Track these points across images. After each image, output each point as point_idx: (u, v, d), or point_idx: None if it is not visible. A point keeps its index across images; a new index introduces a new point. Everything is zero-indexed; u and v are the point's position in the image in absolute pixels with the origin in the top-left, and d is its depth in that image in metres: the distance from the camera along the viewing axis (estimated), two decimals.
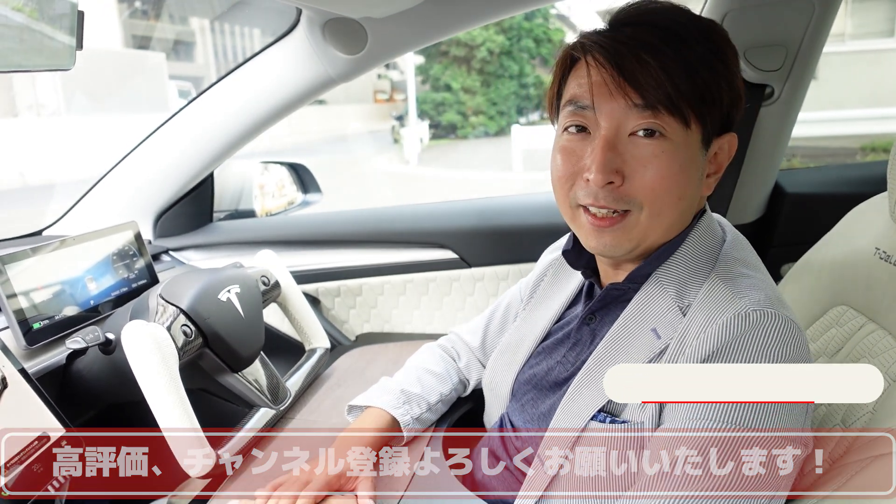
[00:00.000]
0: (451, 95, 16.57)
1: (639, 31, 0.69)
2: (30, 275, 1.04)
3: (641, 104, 0.68)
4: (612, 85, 0.69)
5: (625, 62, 0.68)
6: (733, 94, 0.72)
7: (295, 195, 2.07)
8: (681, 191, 0.71)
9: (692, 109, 0.69)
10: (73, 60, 0.92)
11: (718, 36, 0.72)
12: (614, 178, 0.70)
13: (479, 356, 1.10)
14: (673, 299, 0.74)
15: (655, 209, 0.71)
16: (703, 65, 0.68)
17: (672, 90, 0.67)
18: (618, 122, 0.70)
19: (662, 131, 0.69)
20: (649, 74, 0.67)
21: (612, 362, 0.75)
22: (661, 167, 0.69)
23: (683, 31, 0.69)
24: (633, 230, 0.73)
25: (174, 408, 0.86)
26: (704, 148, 0.73)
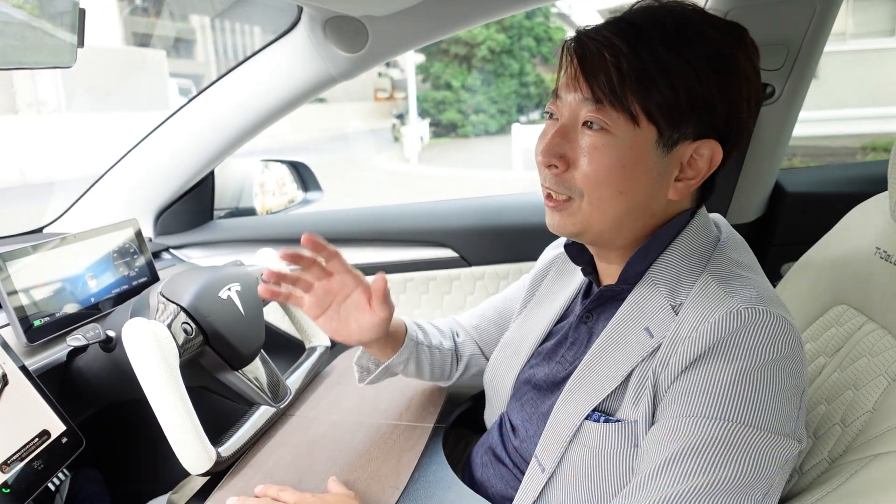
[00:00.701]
0: (451, 94, 16.57)
1: (613, 29, 0.71)
2: (30, 272, 1.04)
3: (590, 97, 0.71)
4: (572, 78, 0.73)
5: (587, 58, 0.71)
6: (699, 99, 0.70)
7: (295, 193, 2.07)
8: (620, 185, 0.72)
9: (641, 108, 0.69)
10: (73, 58, 0.92)
11: (705, 39, 0.70)
12: (557, 162, 0.74)
13: (475, 336, 1.11)
14: (665, 298, 0.74)
15: (594, 198, 0.73)
16: (659, 68, 0.68)
17: (618, 84, 0.69)
18: (573, 111, 0.74)
19: (605, 125, 0.71)
20: (601, 71, 0.70)
21: (606, 362, 0.76)
22: (597, 158, 0.72)
23: (654, 30, 0.69)
24: (575, 215, 0.75)
25: (174, 405, 0.87)
26: (664, 150, 0.72)
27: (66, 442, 0.89)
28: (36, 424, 0.86)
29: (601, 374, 0.75)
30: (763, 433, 0.64)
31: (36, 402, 0.88)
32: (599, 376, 0.75)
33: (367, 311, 0.87)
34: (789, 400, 0.66)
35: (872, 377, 0.80)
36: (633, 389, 0.72)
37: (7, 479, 0.79)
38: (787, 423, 0.65)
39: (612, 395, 0.74)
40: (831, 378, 0.87)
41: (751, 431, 0.63)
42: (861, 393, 0.80)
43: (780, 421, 0.65)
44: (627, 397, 0.72)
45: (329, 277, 0.88)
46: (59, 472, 0.89)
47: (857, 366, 0.84)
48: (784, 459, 0.65)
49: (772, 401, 0.64)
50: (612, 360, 0.75)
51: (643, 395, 0.70)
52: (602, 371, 0.75)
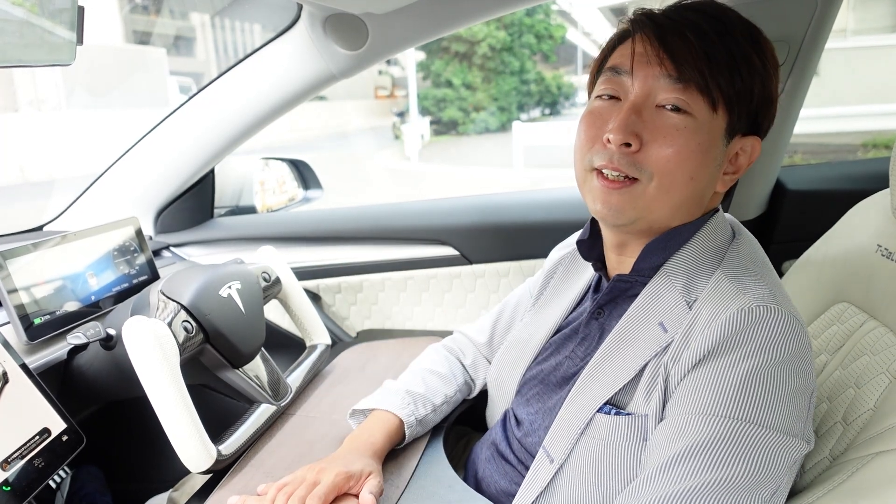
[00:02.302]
0: (452, 91, 16.56)
1: (690, 14, 0.71)
2: (31, 270, 1.04)
3: (675, 76, 0.70)
4: (652, 55, 0.71)
5: (669, 37, 0.70)
6: (765, 96, 0.73)
7: (296, 191, 2.07)
8: (693, 170, 0.71)
9: (722, 95, 0.70)
10: (73, 56, 0.92)
11: (764, 40, 0.73)
12: (632, 140, 0.71)
13: (486, 353, 1.10)
14: (680, 293, 0.74)
15: (665, 182, 0.72)
16: (742, 58, 0.70)
17: (707, 70, 0.69)
18: (649, 89, 0.72)
19: (688, 108, 0.70)
20: (688, 51, 0.69)
21: (619, 356, 0.75)
22: (679, 141, 0.70)
23: (731, 25, 0.71)
24: (639, 199, 0.73)
25: (175, 403, 0.86)
26: (727, 139, 0.73)
27: (66, 440, 0.89)
28: (36, 422, 0.86)
29: (614, 367, 0.75)
30: (772, 433, 0.63)
31: (36, 400, 0.88)
32: (613, 370, 0.75)
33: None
34: (798, 400, 0.66)
35: (874, 375, 0.80)
36: (646, 383, 0.72)
37: (8, 477, 0.79)
38: (796, 424, 0.65)
39: (624, 388, 0.74)
40: (833, 376, 0.87)
41: (759, 431, 0.63)
42: (862, 391, 0.79)
43: (789, 421, 0.64)
44: (639, 391, 0.72)
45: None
46: (60, 469, 0.89)
47: (859, 364, 0.84)
48: (792, 460, 0.65)
49: (781, 400, 0.64)
50: (626, 354, 0.75)
51: (655, 390, 0.71)
52: (615, 364, 0.75)
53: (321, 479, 0.80)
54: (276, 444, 1.01)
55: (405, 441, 0.95)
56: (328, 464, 0.83)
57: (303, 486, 0.79)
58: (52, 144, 10.40)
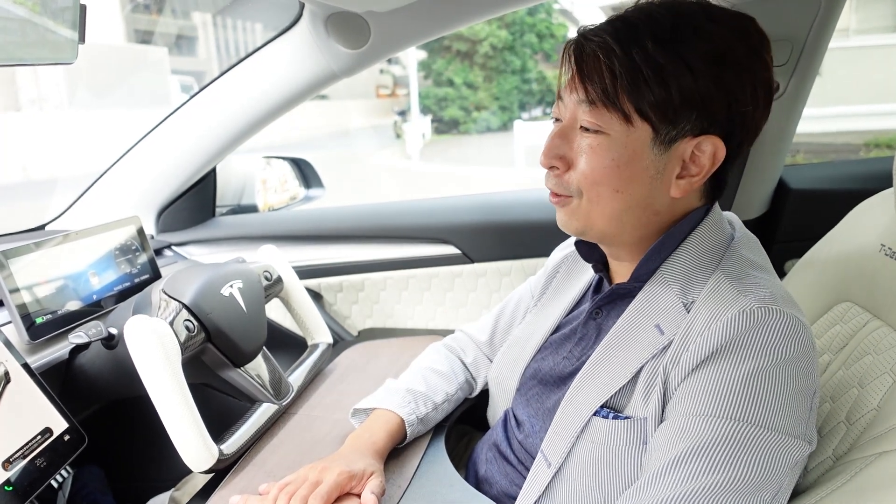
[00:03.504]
0: (453, 91, 16.56)
1: (609, 29, 0.71)
2: (32, 269, 1.04)
3: (584, 99, 0.72)
4: (571, 80, 0.75)
5: (582, 60, 0.72)
6: (693, 97, 0.69)
7: (297, 190, 2.07)
8: (616, 184, 0.73)
9: (633, 108, 0.70)
10: (75, 54, 0.92)
11: (704, 34, 0.69)
12: (557, 163, 0.76)
13: (487, 352, 1.10)
14: (677, 295, 0.74)
15: (592, 197, 0.75)
16: (652, 67, 0.68)
17: (610, 85, 0.70)
18: (572, 113, 0.75)
19: (598, 127, 0.72)
20: (595, 71, 0.71)
21: (615, 358, 0.75)
22: (592, 159, 0.73)
23: (643, 32, 0.69)
24: (576, 213, 0.77)
25: (177, 403, 0.86)
26: (660, 148, 0.71)
27: (68, 439, 0.89)
28: (38, 422, 0.86)
29: (610, 370, 0.75)
30: (773, 434, 0.63)
31: (38, 399, 0.88)
32: (608, 372, 0.75)
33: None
34: (801, 401, 0.65)
35: (877, 375, 0.79)
36: (643, 386, 0.71)
37: (10, 477, 0.79)
38: (798, 425, 0.65)
39: (620, 391, 0.73)
40: (836, 376, 0.87)
41: (761, 432, 0.63)
42: (866, 391, 0.79)
43: (791, 422, 0.64)
44: (637, 394, 0.72)
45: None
46: (62, 469, 0.89)
47: (862, 363, 0.83)
48: (794, 461, 0.64)
49: (783, 401, 0.64)
50: (622, 357, 0.75)
51: (653, 393, 0.70)
52: (611, 367, 0.75)
53: (323, 478, 0.80)
54: (278, 444, 1.01)
55: (407, 440, 0.95)
56: (330, 463, 0.83)
57: (305, 485, 0.79)
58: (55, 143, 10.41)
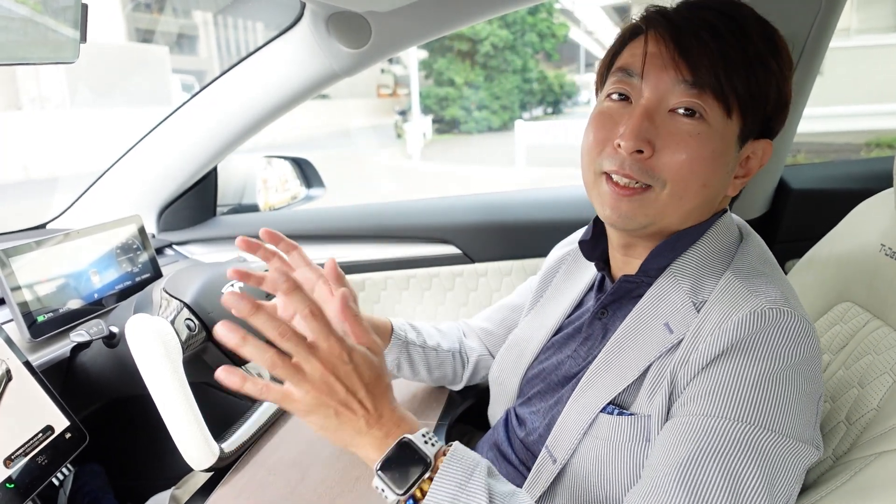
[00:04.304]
0: (454, 90, 16.56)
1: (705, 13, 0.69)
2: (34, 268, 1.04)
3: (690, 81, 0.67)
4: (666, 57, 0.69)
5: (684, 38, 0.68)
6: (780, 100, 0.72)
7: (298, 190, 2.07)
8: (707, 177, 0.70)
9: (737, 100, 0.68)
10: (76, 53, 0.92)
11: (780, 40, 0.71)
12: (645, 147, 0.68)
13: (483, 338, 1.10)
14: (687, 294, 0.73)
15: (678, 190, 0.70)
16: (759, 61, 0.68)
17: (723, 75, 0.67)
18: (662, 93, 0.69)
19: (703, 113, 0.68)
20: (705, 54, 0.67)
21: (623, 356, 0.75)
22: (693, 148, 0.68)
23: (747, 25, 0.69)
24: (651, 205, 0.71)
25: (178, 401, 0.87)
26: (739, 144, 0.72)
27: (69, 437, 0.89)
28: (40, 420, 0.86)
29: (618, 367, 0.74)
30: (784, 438, 0.62)
31: (39, 397, 0.88)
32: (616, 370, 0.74)
33: (329, 302, 0.81)
34: (809, 405, 0.65)
35: (877, 375, 0.79)
36: (649, 384, 0.71)
37: (11, 475, 0.79)
38: (807, 429, 0.64)
39: (627, 389, 0.73)
40: (836, 376, 0.87)
41: (771, 436, 0.62)
42: (866, 391, 0.79)
43: (799, 426, 0.63)
44: (643, 392, 0.72)
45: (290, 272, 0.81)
46: (63, 467, 0.89)
47: (862, 363, 0.83)
48: (804, 467, 0.63)
49: (793, 405, 0.63)
50: (630, 355, 0.74)
51: (658, 391, 0.70)
52: (619, 365, 0.75)
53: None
54: (279, 442, 1.01)
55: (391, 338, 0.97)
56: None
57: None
58: (56, 142, 10.42)
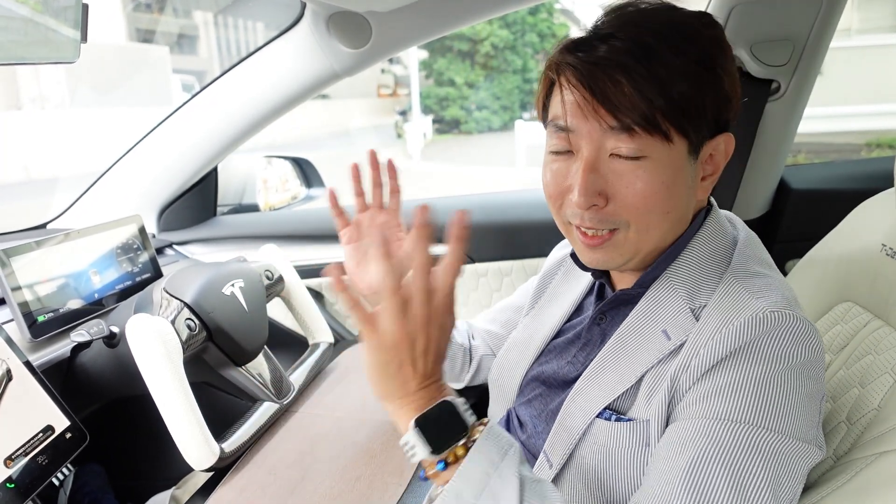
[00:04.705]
0: (454, 90, 16.55)
1: (613, 48, 0.67)
2: (34, 268, 1.04)
3: (617, 126, 0.67)
4: (585, 107, 0.68)
5: (597, 83, 0.66)
6: (720, 98, 0.70)
7: (298, 190, 2.07)
8: (666, 206, 0.70)
9: (672, 125, 0.67)
10: (77, 53, 0.92)
11: (702, 37, 0.69)
12: (597, 200, 0.69)
13: (487, 339, 1.10)
14: (684, 300, 0.73)
15: (642, 226, 0.71)
16: (681, 77, 0.66)
17: (647, 109, 0.65)
18: (597, 143, 0.69)
19: (641, 153, 0.68)
20: (622, 94, 0.66)
21: (620, 362, 0.75)
22: (643, 186, 0.68)
23: (660, 42, 0.67)
24: (622, 246, 0.73)
25: (178, 401, 0.87)
26: (693, 157, 0.71)
27: (70, 437, 0.89)
28: (40, 420, 0.86)
29: (614, 373, 0.74)
30: (788, 439, 0.62)
31: (40, 397, 0.88)
32: (613, 375, 0.74)
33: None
34: (811, 406, 0.65)
35: (878, 375, 0.80)
36: (647, 390, 0.71)
37: (11, 475, 0.79)
38: (810, 430, 0.64)
39: (624, 394, 0.73)
40: (837, 375, 0.87)
41: (776, 437, 0.62)
42: (867, 391, 0.79)
43: (803, 427, 0.63)
44: (640, 397, 0.71)
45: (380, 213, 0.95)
46: (64, 467, 0.89)
47: (863, 363, 0.83)
48: (807, 467, 0.63)
49: (795, 406, 0.63)
50: (627, 361, 0.74)
51: (657, 395, 0.69)
52: (615, 370, 0.74)
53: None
54: (279, 442, 1.01)
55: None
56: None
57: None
58: (56, 142, 10.42)
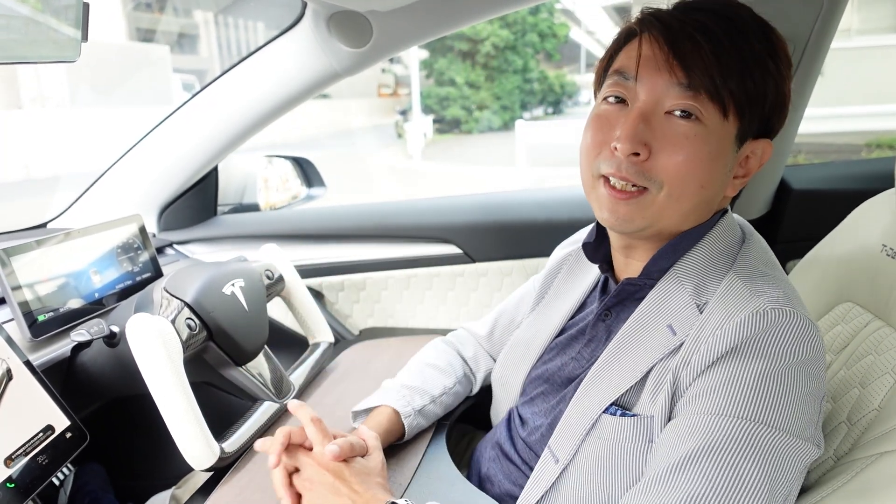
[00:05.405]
0: (455, 90, 16.55)
1: (700, 15, 0.69)
2: (34, 267, 1.04)
3: (685, 83, 0.68)
4: (660, 59, 0.69)
5: (678, 40, 0.68)
6: (778, 100, 0.72)
7: (299, 189, 2.07)
8: (704, 178, 0.70)
9: (733, 101, 0.68)
10: (77, 52, 0.92)
11: (777, 39, 0.71)
12: (641, 149, 0.69)
13: (487, 347, 1.10)
14: (690, 296, 0.73)
15: (675, 191, 0.70)
16: (755, 61, 0.68)
17: (718, 77, 0.67)
18: (657, 96, 0.70)
19: (699, 115, 0.68)
20: (699, 57, 0.67)
21: (626, 357, 0.75)
22: (689, 149, 0.69)
23: (744, 25, 0.69)
24: (648, 208, 0.72)
25: (178, 401, 0.87)
26: (737, 144, 0.72)
27: (70, 437, 0.89)
28: (40, 419, 0.86)
29: (620, 368, 0.75)
30: (785, 436, 0.63)
31: (40, 397, 0.88)
32: (619, 371, 0.75)
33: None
34: (811, 404, 0.65)
35: (878, 375, 0.80)
36: (652, 385, 0.71)
37: (11, 474, 0.79)
38: (808, 428, 0.64)
39: (630, 390, 0.73)
40: (837, 376, 0.87)
41: (773, 433, 0.62)
42: (867, 391, 0.79)
43: (801, 425, 0.64)
44: (645, 393, 0.72)
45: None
46: (64, 466, 0.89)
47: (863, 364, 0.83)
48: (805, 465, 0.64)
49: (794, 403, 0.63)
50: (633, 356, 0.74)
51: (661, 392, 0.70)
52: (622, 366, 0.75)
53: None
54: None
55: (406, 433, 0.95)
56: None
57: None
58: (56, 141, 10.42)
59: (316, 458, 0.78)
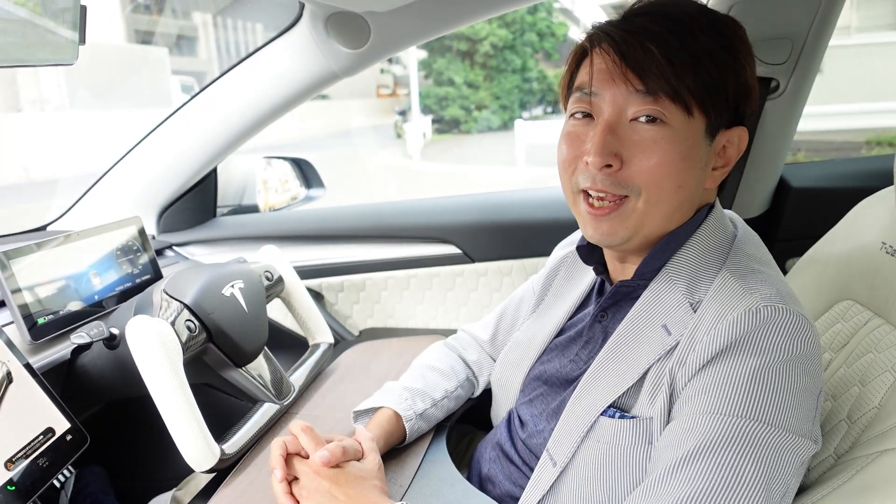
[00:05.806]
0: (454, 90, 16.54)
1: (647, 21, 0.70)
2: (34, 270, 1.04)
3: (643, 90, 0.69)
4: (615, 71, 0.71)
5: (629, 50, 0.69)
6: (741, 88, 0.72)
7: (298, 190, 2.07)
8: (680, 178, 0.71)
9: (694, 98, 0.69)
10: (75, 55, 0.92)
11: (730, 30, 0.72)
12: (612, 161, 0.71)
13: (490, 351, 1.10)
14: (683, 295, 0.73)
15: (654, 195, 0.72)
16: (708, 56, 0.69)
17: (674, 78, 0.68)
18: (619, 107, 0.71)
19: (663, 118, 0.70)
20: (651, 61, 0.68)
21: (622, 359, 0.75)
22: (660, 153, 0.70)
23: (692, 23, 0.70)
24: (630, 217, 0.73)
25: (178, 402, 0.87)
26: (709, 138, 0.73)
27: (70, 439, 0.89)
28: (40, 422, 0.86)
29: (617, 370, 0.75)
30: (781, 432, 0.63)
31: (40, 399, 0.88)
32: (616, 373, 0.75)
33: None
34: (807, 400, 0.65)
35: (879, 373, 0.79)
36: (649, 387, 0.71)
37: (12, 477, 0.79)
38: (805, 423, 0.65)
39: (628, 392, 0.73)
40: (837, 374, 0.87)
41: (769, 430, 0.63)
42: (867, 389, 0.79)
43: (798, 420, 0.64)
44: (643, 394, 0.72)
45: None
46: (64, 469, 0.89)
47: (863, 361, 0.83)
48: (802, 461, 0.64)
49: (790, 399, 0.64)
50: (629, 358, 0.74)
51: (659, 393, 0.70)
52: (618, 368, 0.75)
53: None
54: None
55: (407, 436, 0.95)
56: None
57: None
58: (56, 144, 10.42)
59: (311, 466, 0.80)
